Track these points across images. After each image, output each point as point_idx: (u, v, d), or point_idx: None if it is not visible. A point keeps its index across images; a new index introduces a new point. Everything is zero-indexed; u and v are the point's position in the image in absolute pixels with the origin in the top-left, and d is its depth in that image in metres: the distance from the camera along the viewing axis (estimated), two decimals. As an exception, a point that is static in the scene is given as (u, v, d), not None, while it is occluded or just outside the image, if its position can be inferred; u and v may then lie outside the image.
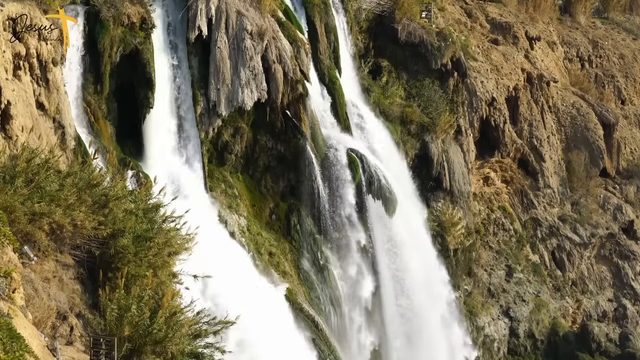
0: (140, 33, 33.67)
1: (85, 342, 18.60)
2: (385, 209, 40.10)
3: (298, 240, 38.24)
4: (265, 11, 37.52)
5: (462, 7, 55.66)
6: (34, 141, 25.02)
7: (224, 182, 36.88)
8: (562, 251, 52.42)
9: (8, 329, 14.18)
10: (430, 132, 44.91)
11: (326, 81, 41.08)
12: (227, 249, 34.17)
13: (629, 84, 62.04)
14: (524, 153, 51.85)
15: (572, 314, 51.57)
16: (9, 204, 18.68)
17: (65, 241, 20.32)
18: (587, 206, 53.96)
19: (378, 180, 39.67)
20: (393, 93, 45.76)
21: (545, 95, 54.24)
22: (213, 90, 35.78)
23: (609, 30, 65.20)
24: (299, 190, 38.47)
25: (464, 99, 47.75)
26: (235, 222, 36.26)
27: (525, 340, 48.81)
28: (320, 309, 37.55)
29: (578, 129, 55.46)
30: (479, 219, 49.68)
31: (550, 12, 60.65)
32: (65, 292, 19.64)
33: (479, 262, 48.77)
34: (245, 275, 33.76)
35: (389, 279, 40.60)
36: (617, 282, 53.54)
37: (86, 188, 20.84)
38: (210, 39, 35.84)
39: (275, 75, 36.82)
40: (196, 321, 20.09)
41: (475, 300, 47.43)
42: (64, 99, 29.31)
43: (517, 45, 54.91)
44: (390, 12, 46.37)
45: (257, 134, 37.79)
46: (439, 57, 46.15)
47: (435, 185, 45.33)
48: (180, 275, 22.01)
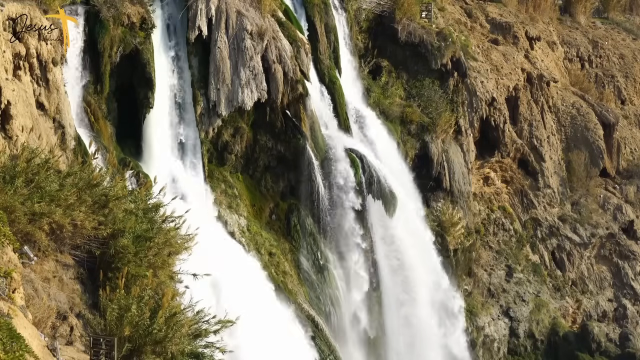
0: (140, 33, 33.68)
1: (85, 342, 18.60)
2: (385, 209, 40.11)
3: (298, 240, 38.25)
4: (265, 11, 37.53)
5: (462, 7, 55.65)
6: (34, 141, 25.01)
7: (224, 182, 36.89)
8: (562, 251, 52.42)
9: (8, 329, 14.18)
10: (430, 132, 44.91)
11: (326, 81, 41.09)
12: (227, 249, 34.17)
13: (629, 84, 62.03)
14: (524, 153, 51.85)
15: (572, 314, 51.56)
16: (9, 204, 18.68)
17: (65, 241, 20.32)
18: (587, 206, 53.95)
19: (378, 180, 39.68)
20: (393, 93, 45.76)
21: (545, 95, 54.24)
22: (213, 90, 35.79)
23: (609, 30, 65.19)
24: (299, 190, 38.47)
25: (464, 99, 47.76)
26: (235, 222, 36.27)
27: (525, 340, 48.80)
28: (320, 309, 37.56)
29: (578, 129, 55.46)
30: (479, 219, 49.67)
31: (550, 12, 60.63)
32: (65, 292, 19.64)
33: (479, 262, 48.77)
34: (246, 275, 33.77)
35: (388, 278, 40.60)
36: (617, 282, 53.54)
37: (86, 188, 20.84)
38: (210, 39, 35.85)
39: (275, 75, 36.83)
40: (196, 321, 20.09)
41: (475, 300, 47.42)
42: (64, 99, 29.31)
43: (517, 45, 54.90)
44: (390, 12, 46.38)
45: (257, 134, 37.80)
46: (439, 57, 46.15)
47: (435, 185, 45.33)
48: (180, 274, 22.03)
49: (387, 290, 40.56)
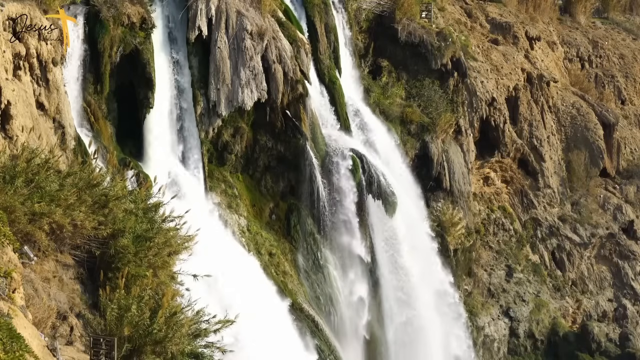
0: (140, 33, 33.68)
1: (85, 342, 18.60)
2: (385, 209, 40.11)
3: (298, 240, 38.26)
4: (265, 11, 37.54)
5: (462, 7, 55.66)
6: (34, 141, 25.01)
7: (224, 182, 36.90)
8: (562, 251, 52.42)
9: (8, 329, 14.18)
10: (430, 132, 44.92)
11: (326, 81, 41.09)
12: (227, 249, 34.17)
13: (629, 84, 62.04)
14: (524, 153, 51.86)
15: (572, 314, 51.57)
16: (9, 204, 18.68)
17: (65, 241, 20.32)
18: (587, 206, 53.96)
19: (378, 180, 39.69)
20: (393, 93, 45.76)
21: (545, 95, 54.25)
22: (213, 90, 35.79)
23: (609, 30, 65.20)
24: (299, 190, 38.48)
25: (464, 99, 47.77)
26: (235, 222, 36.28)
27: (525, 340, 48.81)
28: (320, 309, 37.58)
29: (578, 129, 55.47)
30: (479, 219, 49.68)
31: (550, 12, 60.65)
32: (65, 292, 19.64)
33: (479, 262, 48.78)
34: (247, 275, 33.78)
35: (388, 278, 40.61)
36: (617, 282, 53.54)
37: (86, 188, 20.83)
38: (210, 39, 35.85)
39: (275, 75, 36.83)
40: (196, 321, 20.09)
41: (475, 300, 47.43)
42: (64, 99, 29.31)
43: (517, 45, 54.91)
44: (390, 12, 46.38)
45: (257, 134, 37.81)
46: (439, 57, 46.15)
47: (435, 185, 45.32)
48: (179, 275, 22.02)
49: (387, 290, 40.57)
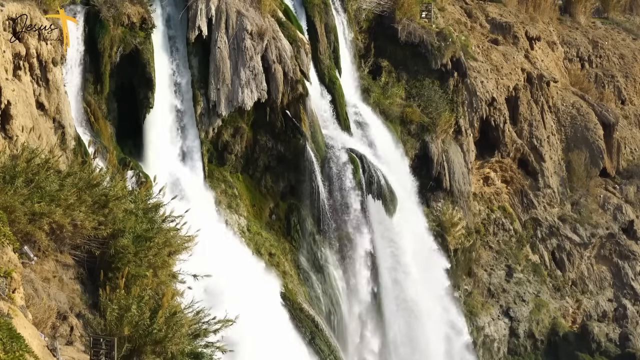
0: (140, 33, 33.68)
1: (85, 342, 18.60)
2: (386, 209, 40.10)
3: (298, 240, 38.25)
4: (265, 11, 37.54)
5: (462, 7, 55.66)
6: (34, 141, 25.02)
7: (224, 182, 36.90)
8: (562, 251, 52.42)
9: (8, 329, 14.18)
10: (430, 132, 44.91)
11: (326, 81, 41.09)
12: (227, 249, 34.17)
13: (629, 84, 62.04)
14: (524, 153, 51.86)
15: (572, 314, 51.56)
16: (9, 204, 18.67)
17: (65, 241, 20.31)
18: (587, 206, 53.96)
19: (378, 180, 39.69)
20: (393, 93, 45.75)
21: (545, 95, 54.25)
22: (213, 90, 35.79)
23: (609, 30, 65.20)
24: (299, 190, 38.47)
25: (464, 99, 47.76)
26: (235, 222, 36.27)
27: (525, 340, 48.81)
28: (320, 309, 37.57)
29: (578, 129, 55.47)
30: (479, 219, 49.67)
31: (550, 12, 60.65)
32: (65, 292, 19.64)
33: (479, 262, 48.77)
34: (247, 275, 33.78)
35: (388, 278, 40.60)
36: (617, 282, 53.54)
37: (86, 188, 20.83)
38: (210, 39, 35.85)
39: (275, 75, 36.83)
40: (196, 321, 20.08)
41: (475, 300, 47.43)
42: (64, 99, 29.32)
43: (517, 45, 54.91)
44: (390, 12, 46.38)
45: (257, 134, 37.81)
46: (439, 57, 46.15)
47: (435, 185, 45.31)
48: (179, 275, 22.02)
49: (387, 290, 40.56)
